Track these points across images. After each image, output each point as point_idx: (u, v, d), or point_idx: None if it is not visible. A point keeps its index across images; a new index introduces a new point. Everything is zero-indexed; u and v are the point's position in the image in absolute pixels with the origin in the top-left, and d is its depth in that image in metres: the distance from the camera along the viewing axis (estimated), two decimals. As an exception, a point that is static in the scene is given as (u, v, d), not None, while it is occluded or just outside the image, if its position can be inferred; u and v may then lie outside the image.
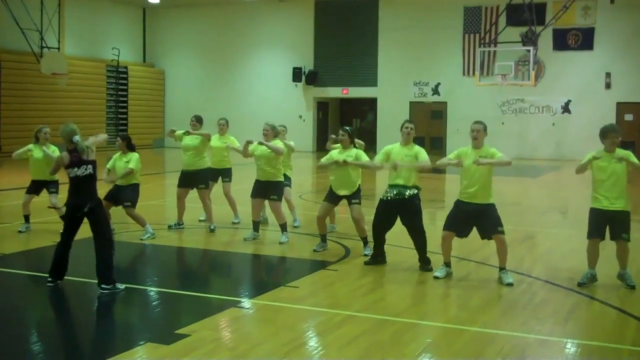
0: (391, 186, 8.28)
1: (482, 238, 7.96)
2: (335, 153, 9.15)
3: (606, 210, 7.57)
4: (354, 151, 9.07)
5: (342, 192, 9.14)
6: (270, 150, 9.69)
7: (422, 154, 8.29)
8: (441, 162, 8.13)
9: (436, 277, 7.96)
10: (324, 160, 9.17)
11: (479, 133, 7.83)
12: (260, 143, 9.73)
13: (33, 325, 6.55)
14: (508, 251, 7.83)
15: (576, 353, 5.71)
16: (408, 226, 8.37)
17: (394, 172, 8.27)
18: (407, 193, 8.18)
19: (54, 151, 10.38)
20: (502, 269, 7.86)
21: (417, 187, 8.27)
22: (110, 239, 7.33)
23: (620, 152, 7.57)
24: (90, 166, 7.26)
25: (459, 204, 7.92)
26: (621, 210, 7.57)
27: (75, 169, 7.22)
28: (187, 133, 10.88)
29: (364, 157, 9.00)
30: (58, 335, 6.32)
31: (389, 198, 8.25)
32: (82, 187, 7.25)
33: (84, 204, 7.19)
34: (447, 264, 8.09)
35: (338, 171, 9.09)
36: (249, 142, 9.90)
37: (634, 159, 7.51)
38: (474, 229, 7.93)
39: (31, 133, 10.86)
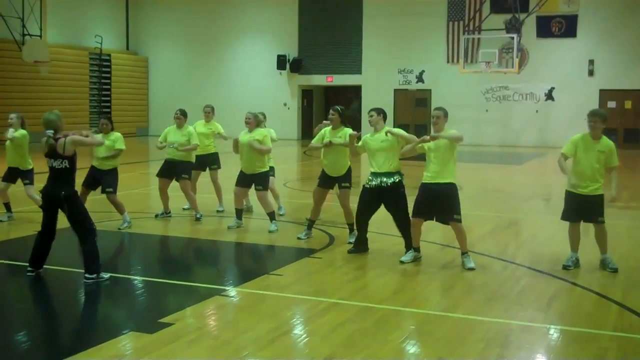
0: (374, 174, 8.28)
1: (438, 221, 8.06)
2: (327, 132, 9.12)
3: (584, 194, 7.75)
4: (344, 130, 9.04)
5: (335, 174, 9.14)
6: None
7: (403, 132, 8.46)
8: (405, 149, 8.17)
9: (402, 262, 8.02)
10: (314, 141, 9.18)
11: (438, 119, 7.96)
12: (251, 145, 9.62)
13: (15, 315, 6.50)
14: (492, 237, 7.87)
15: (558, 339, 5.77)
16: (393, 212, 8.36)
17: (374, 160, 8.27)
18: (390, 180, 8.18)
19: (24, 135, 10.26)
20: (463, 253, 7.96)
21: (400, 173, 8.28)
22: (90, 227, 7.23)
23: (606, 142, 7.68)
24: (66, 161, 7.12)
25: (422, 186, 8.00)
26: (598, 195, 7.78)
27: (52, 160, 7.16)
28: (175, 147, 10.57)
29: None
30: (40, 325, 6.27)
31: (373, 186, 8.25)
32: (58, 178, 7.17)
33: (58, 192, 7.12)
34: (416, 249, 8.16)
35: (331, 154, 9.06)
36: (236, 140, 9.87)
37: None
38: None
39: (13, 122, 10.73)
